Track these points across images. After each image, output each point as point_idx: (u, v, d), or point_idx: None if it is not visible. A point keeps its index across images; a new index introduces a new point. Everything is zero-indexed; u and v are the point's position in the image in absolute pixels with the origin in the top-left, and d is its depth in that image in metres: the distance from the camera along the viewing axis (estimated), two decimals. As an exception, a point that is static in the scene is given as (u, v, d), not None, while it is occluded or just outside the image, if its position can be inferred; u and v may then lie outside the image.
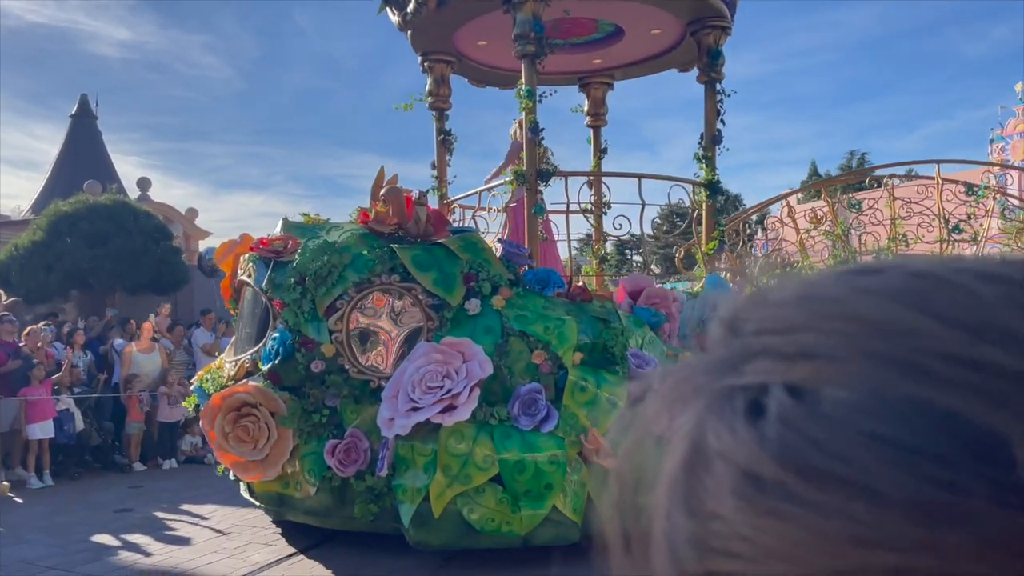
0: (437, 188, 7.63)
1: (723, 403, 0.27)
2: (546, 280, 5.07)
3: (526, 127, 5.92)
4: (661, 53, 7.72)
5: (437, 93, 7.56)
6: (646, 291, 5.50)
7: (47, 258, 11.73)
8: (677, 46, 7.43)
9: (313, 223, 5.65)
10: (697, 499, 0.26)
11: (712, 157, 6.64)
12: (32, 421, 7.37)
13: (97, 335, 9.42)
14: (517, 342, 4.59)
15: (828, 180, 8.65)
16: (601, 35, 7.48)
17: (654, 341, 5.09)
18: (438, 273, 4.86)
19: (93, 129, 22.29)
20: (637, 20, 6.86)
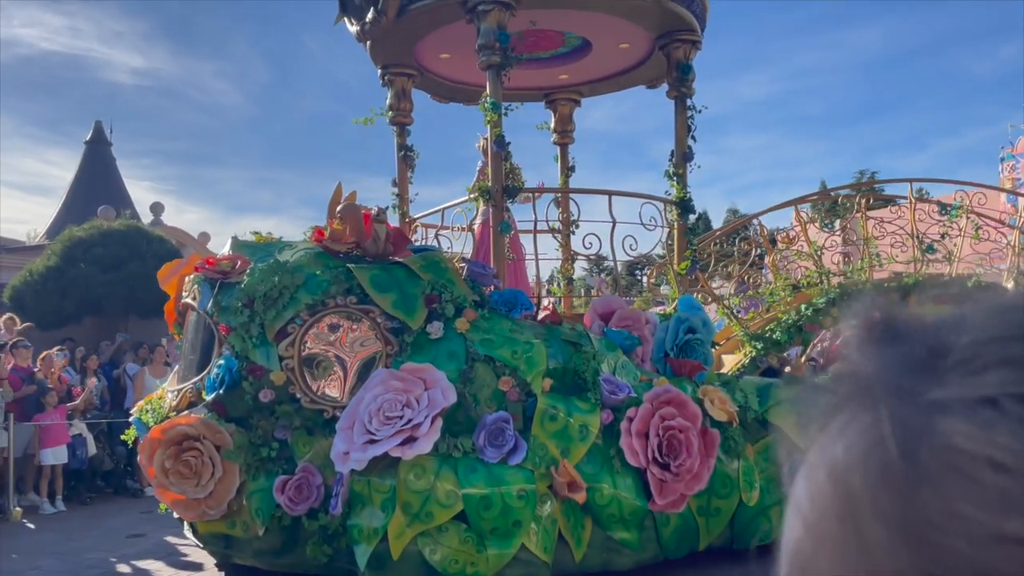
0: (398, 206, 7.46)
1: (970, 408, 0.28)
2: (513, 301, 4.91)
3: (491, 141, 5.78)
4: (629, 68, 7.65)
5: (398, 107, 7.41)
6: (618, 313, 5.37)
7: (61, 283, 11.97)
8: (646, 61, 7.37)
9: (265, 242, 5.43)
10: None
11: (683, 174, 6.57)
12: (45, 447, 7.54)
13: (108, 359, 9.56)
14: (483, 368, 4.39)
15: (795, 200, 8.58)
16: (568, 49, 7.38)
17: (627, 365, 4.93)
18: (398, 294, 4.65)
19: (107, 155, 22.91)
20: (605, 33, 6.77)
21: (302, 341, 4.57)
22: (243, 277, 4.78)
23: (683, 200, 6.48)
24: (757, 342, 7.34)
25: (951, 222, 7.58)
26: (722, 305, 7.79)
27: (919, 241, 7.69)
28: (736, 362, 7.55)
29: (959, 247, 7.53)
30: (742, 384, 5.32)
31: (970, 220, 7.52)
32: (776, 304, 7.87)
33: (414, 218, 7.36)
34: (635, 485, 4.42)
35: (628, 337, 5.13)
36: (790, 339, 7.36)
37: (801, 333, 7.37)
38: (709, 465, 4.60)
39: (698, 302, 5.99)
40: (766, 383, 5.57)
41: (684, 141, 6.63)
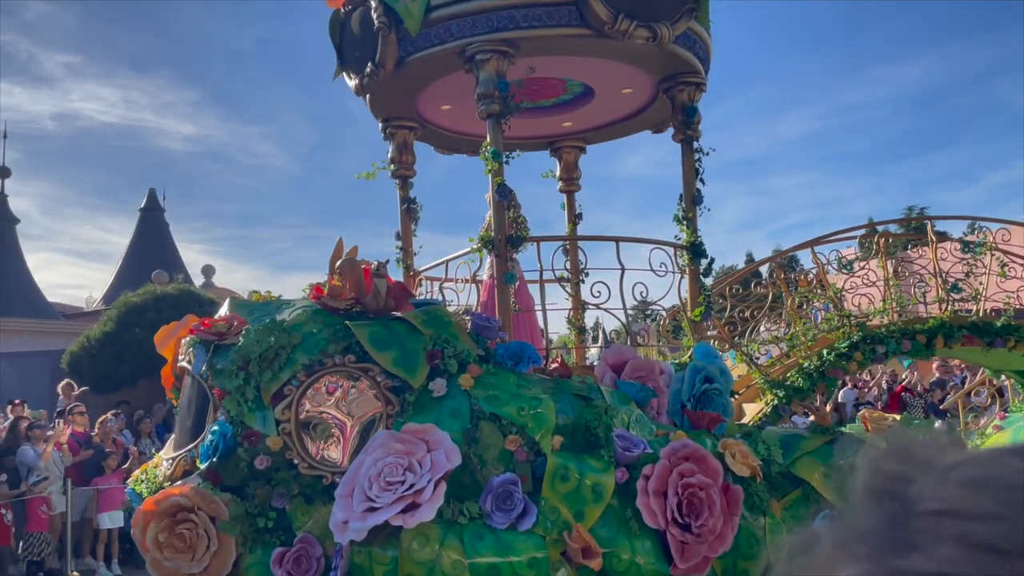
0: (402, 259, 7.38)
1: None
2: (519, 355, 4.76)
3: (493, 190, 5.71)
4: (634, 113, 7.61)
5: (400, 160, 7.37)
6: (630, 363, 5.20)
7: (117, 348, 12.44)
8: (650, 105, 7.32)
9: (263, 301, 5.34)
10: None
11: (693, 218, 6.45)
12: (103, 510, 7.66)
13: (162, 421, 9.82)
14: (488, 426, 4.23)
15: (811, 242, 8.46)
16: (570, 96, 7.36)
17: (642, 419, 4.76)
18: (399, 351, 4.53)
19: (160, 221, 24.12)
20: (607, 79, 6.75)
21: (299, 403, 4.45)
22: (238, 338, 4.67)
23: (694, 244, 6.35)
24: (778, 390, 7.30)
25: (975, 259, 7.41)
26: (740, 352, 7.63)
27: (943, 280, 7.52)
28: (757, 412, 7.52)
29: (985, 285, 7.35)
30: (764, 435, 5.13)
31: (995, 257, 7.34)
32: (797, 349, 7.75)
33: (418, 271, 7.27)
34: (654, 548, 4.22)
35: (642, 389, 4.98)
36: (812, 386, 7.29)
37: (824, 379, 7.29)
38: (733, 524, 4.39)
39: (714, 350, 5.83)
40: (790, 433, 5.39)
41: (692, 184, 6.52)
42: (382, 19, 5.77)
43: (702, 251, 6.38)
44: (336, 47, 6.50)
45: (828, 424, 5.44)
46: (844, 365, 7.37)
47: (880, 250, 8.17)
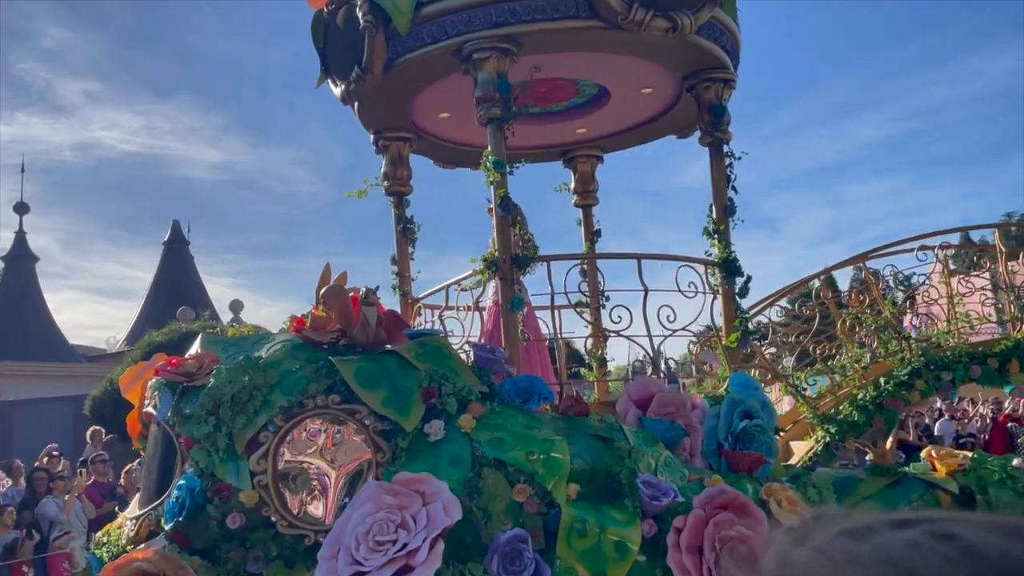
0: (399, 286, 7.34)
1: None
2: (528, 391, 4.64)
3: (496, 204, 5.64)
4: (655, 116, 7.56)
5: (394, 176, 7.37)
6: (657, 398, 5.05)
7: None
8: (673, 106, 7.26)
9: (240, 336, 5.26)
10: None
11: (725, 231, 6.34)
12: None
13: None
14: (493, 474, 4.08)
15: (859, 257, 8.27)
16: (583, 99, 7.32)
17: (671, 462, 4.59)
18: (389, 390, 4.40)
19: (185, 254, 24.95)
20: (623, 78, 6.68)
21: (277, 452, 4.31)
22: (208, 379, 4.55)
23: (727, 261, 6.24)
24: (830, 425, 7.11)
25: None
26: (785, 382, 7.42)
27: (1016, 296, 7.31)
28: (806, 451, 7.32)
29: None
30: (815, 478, 4.99)
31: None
32: (850, 379, 7.56)
33: (416, 298, 7.23)
34: (690, 614, 4.01)
35: (671, 427, 4.84)
36: (869, 419, 7.11)
37: (883, 412, 7.11)
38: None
39: (755, 380, 5.72)
40: (846, 476, 5.24)
41: (723, 193, 6.42)
42: (368, 17, 5.73)
43: (736, 268, 6.26)
44: (319, 51, 6.47)
45: (889, 464, 5.25)
46: (904, 395, 7.20)
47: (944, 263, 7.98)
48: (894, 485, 4.99)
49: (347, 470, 4.35)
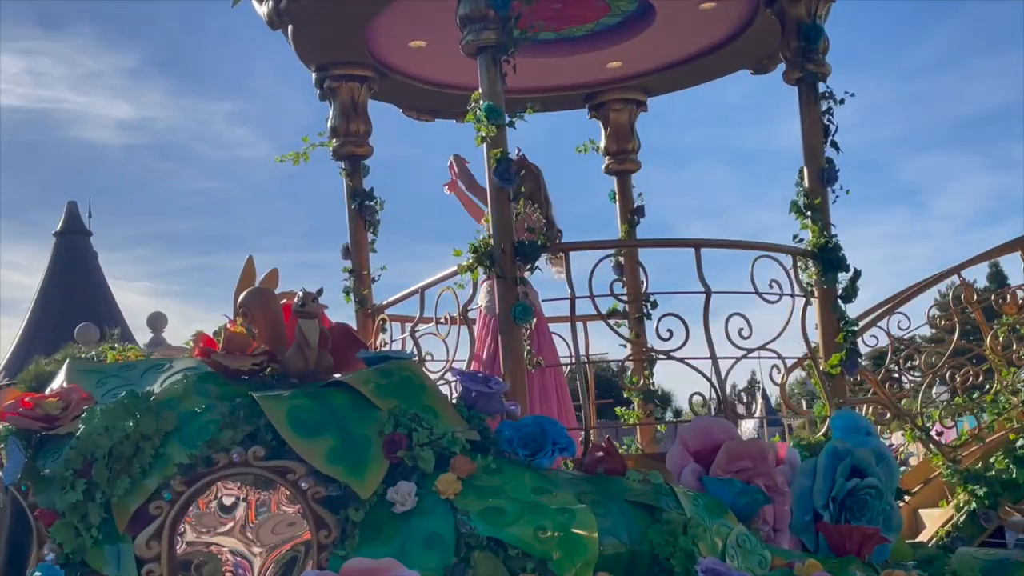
0: (354, 289, 7.39)
1: None
2: (539, 439, 4.62)
3: (489, 168, 5.64)
4: (721, 43, 7.58)
5: (346, 131, 7.40)
6: (725, 448, 5.02)
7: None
8: (746, 28, 7.27)
9: (124, 362, 5.30)
10: None
11: (823, 206, 6.33)
12: None
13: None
14: (486, 561, 4.06)
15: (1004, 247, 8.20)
16: (617, 19, 7.36)
17: (746, 541, 4.55)
18: (337, 439, 4.40)
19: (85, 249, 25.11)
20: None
21: (175, 530, 4.31)
22: (77, 424, 4.55)
23: (825, 248, 6.21)
24: (976, 485, 7.10)
25: None
26: (910, 423, 7.39)
27: None
28: (943, 522, 7.34)
29: None
30: (957, 562, 5.00)
31: None
32: (1006, 417, 7.58)
33: (379, 307, 7.23)
34: None
35: (745, 490, 4.81)
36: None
37: None
38: None
39: (866, 421, 5.62)
40: (1000, 559, 5.18)
41: (820, 151, 6.42)
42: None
43: (839, 260, 6.24)
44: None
45: None
46: None
47: None
48: None
49: (276, 555, 4.37)
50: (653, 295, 6.99)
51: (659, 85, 8.35)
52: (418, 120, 8.44)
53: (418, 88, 7.83)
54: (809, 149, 6.46)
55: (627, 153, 8.42)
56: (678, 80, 8.28)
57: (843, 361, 6.11)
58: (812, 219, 6.29)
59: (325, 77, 7.38)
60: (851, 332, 6.23)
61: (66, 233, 25.37)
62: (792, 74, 6.58)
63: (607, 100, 8.38)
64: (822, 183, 6.35)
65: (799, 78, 6.53)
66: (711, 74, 8.13)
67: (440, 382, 5.77)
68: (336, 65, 7.31)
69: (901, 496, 5.97)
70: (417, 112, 8.33)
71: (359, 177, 7.49)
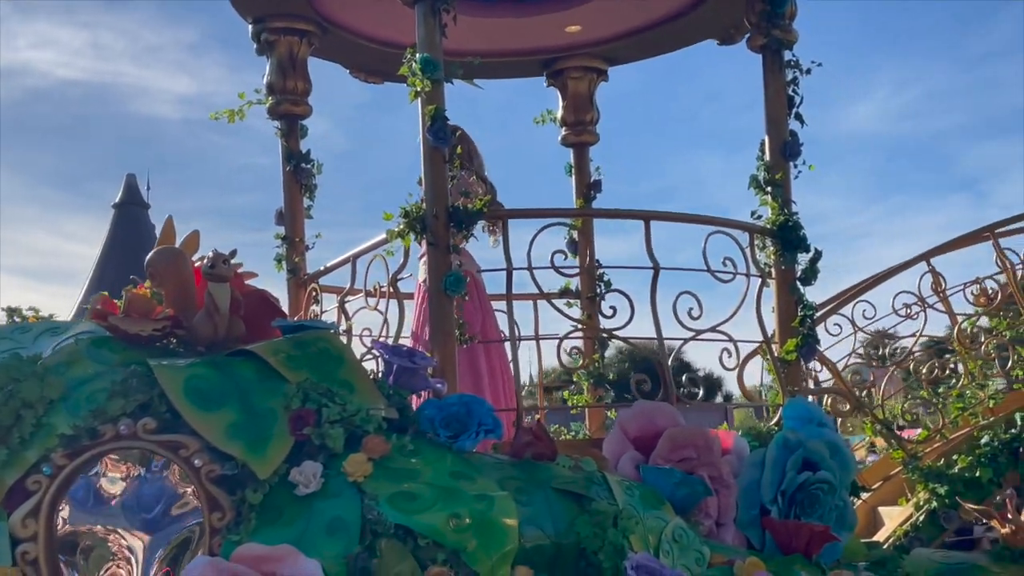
0: (286, 256, 7.20)
1: None
2: (463, 419, 4.53)
3: (424, 125, 5.46)
4: (684, 10, 7.40)
5: (283, 88, 7.19)
6: (667, 435, 4.93)
7: None
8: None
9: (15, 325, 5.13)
10: None
11: (784, 182, 6.18)
12: None
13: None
14: (393, 550, 3.92)
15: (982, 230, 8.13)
16: (578, -21, 7.20)
17: (684, 535, 4.48)
18: (239, 412, 4.25)
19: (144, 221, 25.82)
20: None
21: (55, 508, 4.13)
22: (-48, 391, 4.42)
23: (784, 225, 6.07)
24: (938, 482, 7.03)
25: None
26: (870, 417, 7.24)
27: None
28: (903, 519, 7.30)
29: None
30: (910, 566, 4.99)
31: None
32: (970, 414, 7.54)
33: (311, 276, 7.05)
34: None
35: (686, 481, 4.72)
36: (999, 475, 7.04)
37: (1018, 464, 7.05)
38: None
39: (820, 412, 5.53)
40: (957, 563, 5.21)
41: (783, 123, 6.27)
42: None
43: (799, 239, 6.13)
44: None
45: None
46: None
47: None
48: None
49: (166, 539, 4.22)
50: (600, 269, 6.92)
51: (620, 53, 8.20)
52: (366, 82, 8.20)
53: (364, 46, 7.62)
54: (772, 121, 6.34)
55: (585, 124, 8.28)
56: (640, 49, 8.12)
57: (799, 347, 6.01)
58: (772, 195, 6.17)
59: (262, 30, 7.15)
60: (809, 316, 6.12)
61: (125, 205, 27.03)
62: (756, 40, 6.47)
63: (566, 67, 8.23)
64: (784, 157, 6.23)
65: (763, 44, 6.42)
66: (675, 44, 7.97)
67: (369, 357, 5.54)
68: (274, 17, 7.10)
69: (856, 492, 5.97)
70: (365, 73, 8.11)
71: (296, 138, 7.31)
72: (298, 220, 7.26)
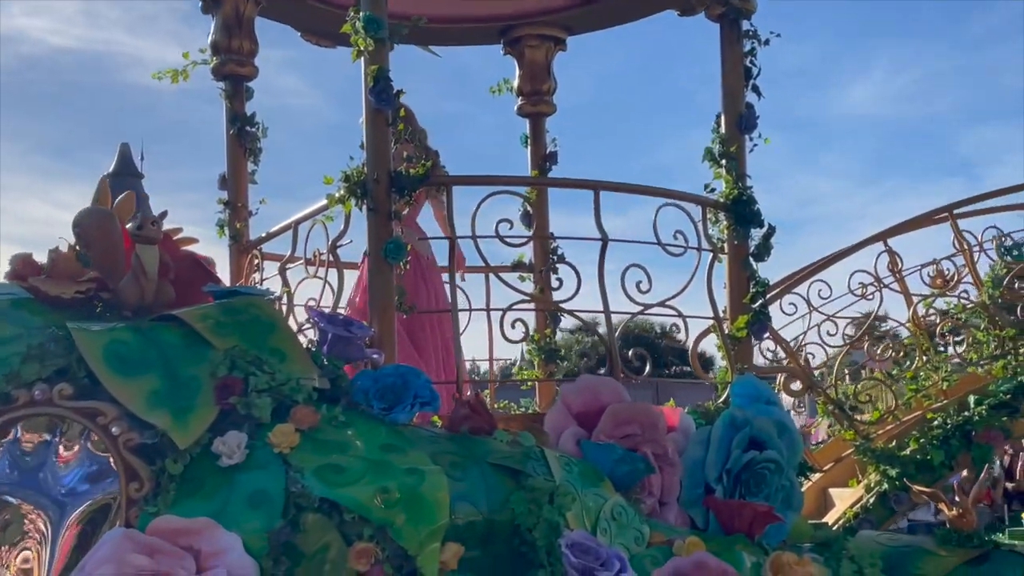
0: (228, 222, 7.06)
1: None
2: (398, 390, 4.44)
3: (366, 87, 5.34)
4: None
5: (228, 48, 7.02)
6: (611, 410, 4.85)
7: None
8: (672, -40, 7.03)
9: None
10: None
11: (738, 155, 6.11)
12: None
13: None
14: (318, 524, 3.84)
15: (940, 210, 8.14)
16: (535, -57, 7.14)
17: (623, 514, 4.42)
18: (162, 379, 4.14)
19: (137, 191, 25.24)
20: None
21: None
22: None
23: (739, 200, 6.00)
24: (889, 465, 7.04)
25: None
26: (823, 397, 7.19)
27: None
28: (854, 501, 7.34)
29: None
30: (855, 547, 4.87)
31: None
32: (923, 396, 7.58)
33: (252, 242, 6.93)
34: None
35: (626, 458, 4.64)
36: (950, 458, 7.11)
37: (970, 447, 7.07)
38: None
39: (769, 390, 5.46)
40: (903, 545, 5.11)
41: (739, 95, 6.20)
42: None
43: (753, 214, 6.06)
44: None
45: (973, 528, 5.08)
46: (1004, 423, 7.13)
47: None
48: (978, 562, 4.90)
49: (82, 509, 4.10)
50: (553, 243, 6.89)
51: (579, 22, 8.07)
52: (317, 46, 8.01)
53: (314, 7, 7.44)
54: (728, 92, 6.27)
55: (542, 94, 8.15)
56: (599, 18, 7.99)
57: (750, 324, 5.96)
58: (727, 168, 6.10)
59: (206, -13, 7.02)
60: (761, 293, 6.07)
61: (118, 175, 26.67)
62: (714, 9, 6.39)
63: (523, 35, 8.07)
64: (740, 130, 6.17)
65: (720, 14, 6.35)
66: (635, 13, 7.83)
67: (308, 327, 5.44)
68: (217, -27, 6.96)
69: (805, 472, 5.92)
70: (316, 37, 7.92)
71: (241, 100, 7.17)
72: (241, 185, 7.13)
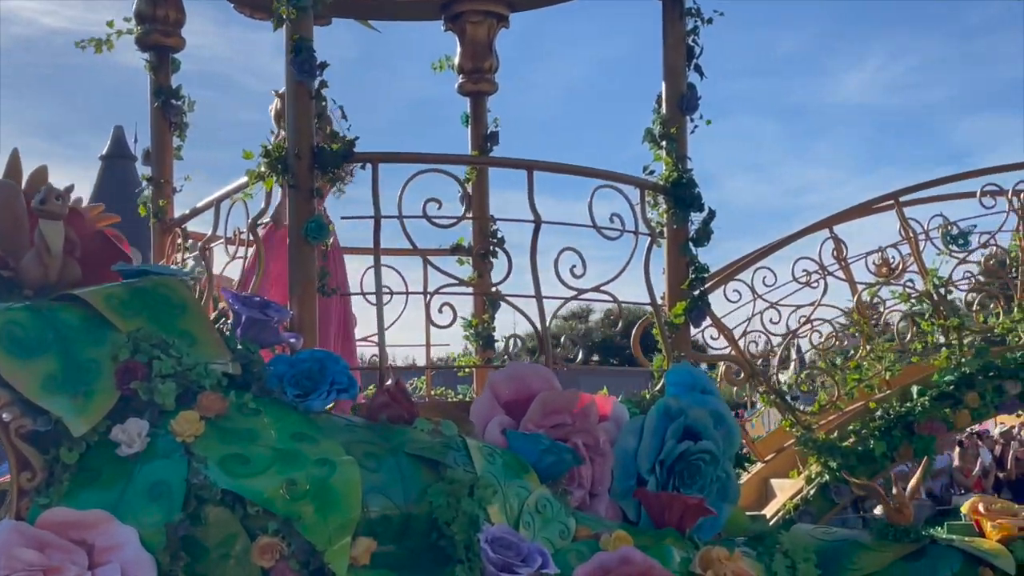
0: (152, 199, 6.92)
1: None
2: (315, 375, 4.33)
3: (288, 59, 5.19)
4: None
5: (153, 17, 6.84)
6: (540, 399, 4.77)
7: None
8: (616, -65, 6.90)
9: None
10: None
11: (679, 136, 6.02)
12: None
13: None
14: (220, 517, 3.74)
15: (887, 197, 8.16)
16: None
17: (548, 507, 4.34)
18: (59, 362, 4.00)
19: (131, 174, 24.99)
20: None
21: None
22: None
23: (678, 182, 5.91)
24: (831, 455, 7.05)
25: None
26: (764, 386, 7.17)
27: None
28: (794, 492, 7.34)
29: None
30: (788, 542, 4.80)
31: None
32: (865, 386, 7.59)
33: (176, 220, 6.80)
34: None
35: (553, 448, 4.55)
36: (892, 449, 7.10)
37: (911, 438, 7.06)
38: None
39: (705, 377, 5.44)
40: (838, 540, 5.06)
41: (680, 75, 6.10)
42: None
43: (693, 198, 5.99)
44: None
45: (909, 522, 5.04)
46: (946, 415, 7.13)
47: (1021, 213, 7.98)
48: (915, 557, 4.89)
49: None
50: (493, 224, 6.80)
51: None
52: (252, 19, 7.81)
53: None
54: (670, 72, 6.16)
55: (483, 72, 8.00)
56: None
57: (688, 310, 5.90)
58: (667, 150, 6.02)
59: (133, -47, 6.85)
60: (700, 279, 6.01)
61: (112, 157, 26.75)
62: None
63: (464, 11, 7.90)
64: (681, 110, 6.08)
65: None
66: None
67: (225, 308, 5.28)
68: (145, -62, 6.79)
69: (742, 464, 5.89)
70: (250, 9, 7.70)
71: (166, 72, 7.00)
72: (166, 160, 6.98)
